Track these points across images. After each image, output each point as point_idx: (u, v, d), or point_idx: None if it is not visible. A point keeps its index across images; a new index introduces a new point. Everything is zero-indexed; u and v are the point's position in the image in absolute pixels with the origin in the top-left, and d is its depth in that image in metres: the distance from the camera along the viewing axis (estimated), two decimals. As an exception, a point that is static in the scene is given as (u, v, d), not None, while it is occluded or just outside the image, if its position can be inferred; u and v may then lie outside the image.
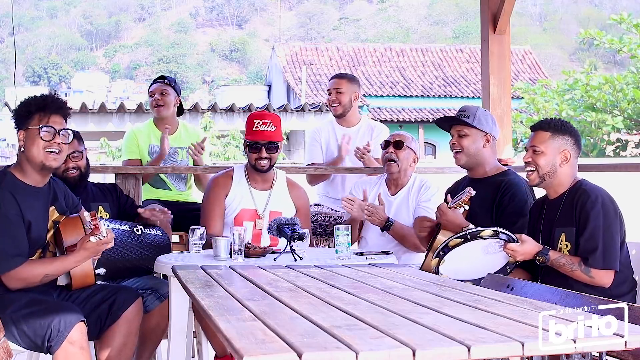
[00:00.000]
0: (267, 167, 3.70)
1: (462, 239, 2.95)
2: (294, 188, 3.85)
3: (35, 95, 2.99)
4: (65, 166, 3.50)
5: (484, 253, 3.00)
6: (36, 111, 2.90)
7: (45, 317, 2.69)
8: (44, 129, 2.87)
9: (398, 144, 3.97)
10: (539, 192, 3.28)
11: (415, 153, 4.04)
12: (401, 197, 4.03)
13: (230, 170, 3.83)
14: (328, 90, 4.60)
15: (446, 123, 3.60)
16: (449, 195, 3.47)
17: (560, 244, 3.00)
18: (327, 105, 4.67)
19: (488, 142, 3.50)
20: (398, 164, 3.97)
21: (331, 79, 4.66)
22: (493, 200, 3.42)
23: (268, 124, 3.66)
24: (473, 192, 3.23)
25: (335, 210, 4.50)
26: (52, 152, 2.87)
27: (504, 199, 3.40)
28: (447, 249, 2.98)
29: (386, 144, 4.02)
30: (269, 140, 3.66)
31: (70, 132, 2.97)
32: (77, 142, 3.55)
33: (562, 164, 3.02)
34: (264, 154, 3.66)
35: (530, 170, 3.07)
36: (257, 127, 3.66)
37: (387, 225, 3.86)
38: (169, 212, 3.67)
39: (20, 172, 2.92)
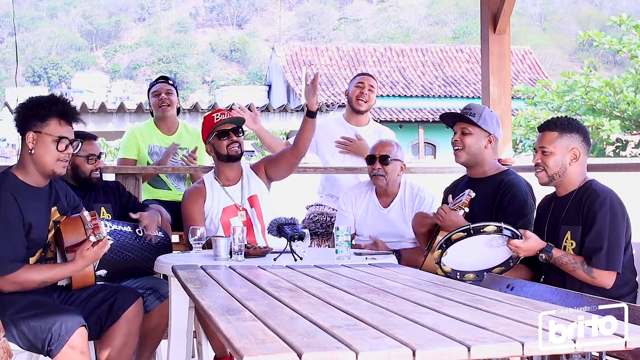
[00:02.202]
0: (240, 151, 3.83)
1: (465, 233, 2.95)
2: (257, 167, 3.97)
3: (51, 98, 2.93)
4: (94, 166, 3.61)
5: (487, 246, 3.00)
6: (55, 117, 2.87)
7: (46, 320, 2.69)
8: (63, 140, 2.87)
9: (383, 159, 3.90)
10: (540, 193, 3.28)
11: (402, 161, 3.95)
12: (395, 209, 3.95)
13: (200, 180, 3.95)
14: (360, 83, 4.47)
15: (451, 119, 3.58)
16: (449, 197, 3.45)
17: (565, 242, 3.00)
18: (346, 98, 4.61)
19: (490, 142, 3.49)
20: (386, 178, 3.90)
21: (361, 75, 4.59)
22: (493, 200, 3.41)
23: (225, 113, 3.85)
24: (473, 194, 3.23)
25: (336, 210, 4.49)
26: (63, 160, 2.89)
27: (504, 199, 3.39)
28: (450, 242, 2.98)
29: (371, 159, 3.94)
30: (233, 123, 3.81)
31: (78, 141, 2.99)
32: (96, 144, 3.68)
33: (572, 162, 3.00)
34: (233, 137, 3.79)
35: (539, 170, 3.06)
36: (218, 118, 3.82)
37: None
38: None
39: (23, 172, 2.90)
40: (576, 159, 3.00)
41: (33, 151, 2.86)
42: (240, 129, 3.84)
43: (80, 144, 3.03)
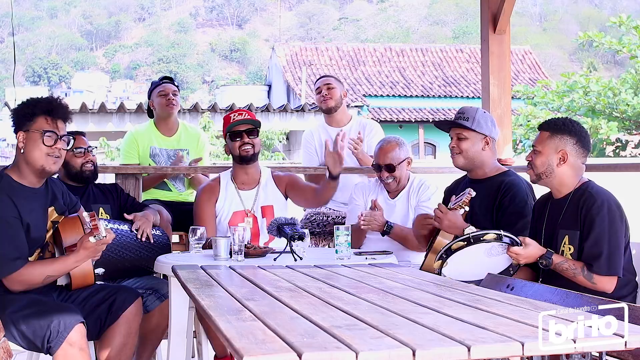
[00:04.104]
0: (252, 152, 3.80)
1: (465, 242, 2.94)
2: (279, 179, 3.94)
3: (39, 98, 2.97)
4: (84, 159, 3.65)
5: (487, 255, 2.99)
6: (41, 114, 2.89)
7: (44, 318, 2.69)
8: (48, 134, 2.87)
9: (390, 168, 3.94)
10: (540, 193, 3.28)
11: (407, 158, 3.99)
12: (401, 199, 4.02)
13: (217, 177, 3.95)
14: (318, 89, 4.57)
15: (445, 126, 3.59)
16: (452, 197, 3.45)
17: (563, 247, 2.98)
18: (316, 105, 4.70)
19: (487, 144, 3.48)
20: (395, 180, 3.96)
21: (318, 79, 4.70)
22: (493, 201, 3.40)
23: (243, 114, 3.85)
24: (473, 193, 3.23)
25: (334, 210, 4.50)
26: (52, 156, 2.88)
27: (505, 199, 3.38)
28: (449, 252, 2.97)
29: (377, 168, 3.98)
30: (247, 125, 3.80)
31: (70, 137, 2.99)
32: (85, 139, 3.71)
33: (560, 164, 2.99)
34: (246, 139, 3.79)
35: (529, 168, 3.08)
36: (233, 118, 3.82)
37: (386, 230, 3.86)
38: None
39: (17, 173, 2.91)
40: (564, 161, 2.98)
41: (23, 150, 2.88)
42: (255, 130, 3.82)
43: (73, 140, 3.04)
